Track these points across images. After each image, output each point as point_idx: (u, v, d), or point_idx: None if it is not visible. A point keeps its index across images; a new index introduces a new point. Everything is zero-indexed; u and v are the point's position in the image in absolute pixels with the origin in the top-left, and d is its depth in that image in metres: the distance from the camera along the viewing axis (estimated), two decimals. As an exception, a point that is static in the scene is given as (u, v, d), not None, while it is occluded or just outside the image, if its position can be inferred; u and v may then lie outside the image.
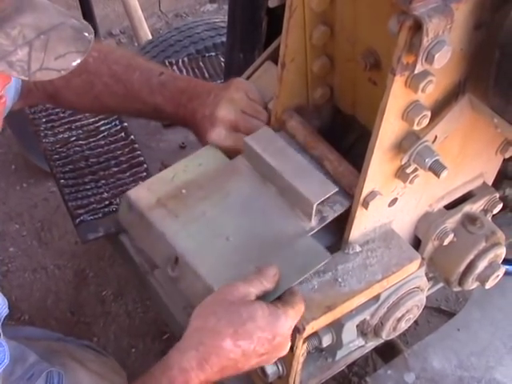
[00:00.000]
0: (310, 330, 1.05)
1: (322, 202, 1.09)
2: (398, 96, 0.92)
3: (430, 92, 0.92)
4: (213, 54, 1.89)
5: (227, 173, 1.15)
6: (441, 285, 1.37)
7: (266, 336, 0.98)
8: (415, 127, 0.96)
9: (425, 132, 1.00)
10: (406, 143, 1.00)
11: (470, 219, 1.23)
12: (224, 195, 1.12)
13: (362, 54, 1.04)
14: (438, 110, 1.00)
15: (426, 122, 0.96)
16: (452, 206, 1.24)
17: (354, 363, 1.68)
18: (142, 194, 1.12)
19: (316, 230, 1.09)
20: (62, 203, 2.19)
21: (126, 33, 2.91)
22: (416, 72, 0.88)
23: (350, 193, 1.10)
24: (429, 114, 0.95)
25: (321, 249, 1.08)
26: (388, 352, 1.46)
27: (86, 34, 0.89)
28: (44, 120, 1.67)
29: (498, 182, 1.37)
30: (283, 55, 1.09)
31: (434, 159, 0.99)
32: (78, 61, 0.87)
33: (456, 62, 0.95)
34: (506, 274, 1.30)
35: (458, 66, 0.96)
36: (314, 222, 1.09)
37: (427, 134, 1.00)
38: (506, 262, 1.28)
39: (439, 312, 1.94)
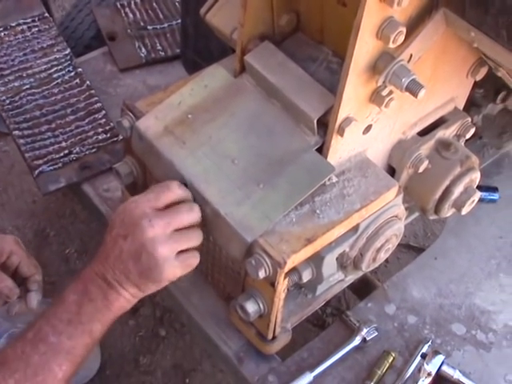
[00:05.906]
0: (290, 264, 1.02)
1: (325, 114, 1.06)
2: (372, 12, 0.89)
3: (404, 6, 0.88)
4: (166, -7, 1.82)
5: (232, 92, 1.14)
6: (415, 215, 1.36)
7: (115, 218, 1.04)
8: (391, 45, 0.92)
9: (400, 51, 0.97)
10: (380, 63, 0.97)
11: (444, 145, 1.21)
12: (229, 115, 1.12)
13: (329, -27, 1.00)
14: (413, 27, 0.97)
15: (401, 38, 0.93)
16: (425, 132, 1.22)
17: (327, 304, 1.66)
18: (150, 122, 1.12)
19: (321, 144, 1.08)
20: (16, 163, 2.13)
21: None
22: (391, -17, 0.84)
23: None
24: (404, 30, 0.92)
25: (325, 162, 1.07)
26: (363, 289, 1.45)
27: None
28: (-8, 69, 1.60)
29: (467, 110, 1.35)
30: (247, -20, 1.04)
31: (410, 78, 0.96)
32: None
33: (430, -27, 0.91)
34: (479, 200, 1.29)
35: (431, -21, 0.93)
36: (318, 135, 1.08)
37: (402, 52, 0.97)
38: (478, 188, 1.27)
39: (408, 248, 1.94)
